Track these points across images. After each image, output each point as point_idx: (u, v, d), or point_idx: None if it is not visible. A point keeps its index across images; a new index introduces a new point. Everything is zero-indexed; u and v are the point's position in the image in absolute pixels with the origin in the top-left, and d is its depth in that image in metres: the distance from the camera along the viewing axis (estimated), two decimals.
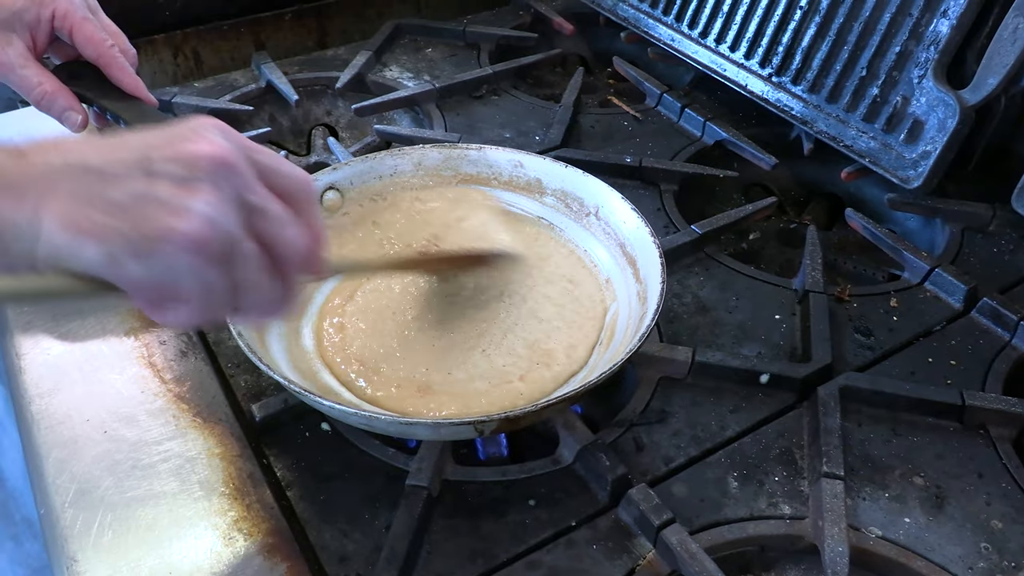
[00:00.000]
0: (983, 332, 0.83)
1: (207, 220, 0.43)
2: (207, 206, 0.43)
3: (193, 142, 0.45)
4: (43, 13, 0.78)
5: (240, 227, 0.45)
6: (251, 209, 0.46)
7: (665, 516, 0.63)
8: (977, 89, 0.90)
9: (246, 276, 0.46)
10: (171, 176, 0.43)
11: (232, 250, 0.45)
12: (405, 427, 0.65)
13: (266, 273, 0.47)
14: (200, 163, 0.44)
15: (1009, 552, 0.64)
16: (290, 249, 0.48)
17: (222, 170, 0.44)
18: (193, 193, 0.43)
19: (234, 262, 0.45)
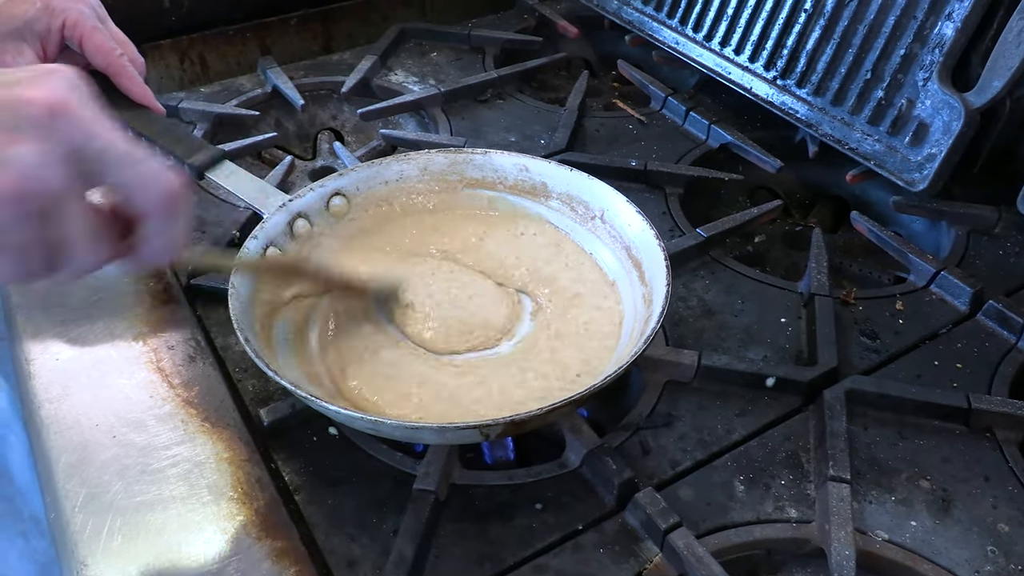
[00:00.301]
0: (989, 335, 0.83)
1: (24, 172, 0.40)
2: (26, 157, 0.41)
3: (29, 87, 0.42)
4: (53, 23, 0.79)
5: (67, 180, 0.42)
6: (88, 158, 0.43)
7: (672, 520, 0.63)
8: (982, 92, 0.90)
9: (68, 234, 0.43)
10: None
11: (53, 205, 0.42)
12: (411, 431, 0.65)
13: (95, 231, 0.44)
14: (30, 109, 0.41)
15: (1016, 555, 0.64)
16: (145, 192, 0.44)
17: (54, 118, 0.42)
18: (14, 142, 0.41)
19: (56, 218, 0.42)
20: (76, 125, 0.42)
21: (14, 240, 0.42)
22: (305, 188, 0.83)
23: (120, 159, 0.43)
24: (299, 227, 0.81)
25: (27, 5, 0.78)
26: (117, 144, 0.43)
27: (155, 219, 0.45)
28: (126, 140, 0.44)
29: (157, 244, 0.47)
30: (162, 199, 0.45)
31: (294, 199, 0.81)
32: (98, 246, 0.45)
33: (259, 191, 0.82)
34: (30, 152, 0.41)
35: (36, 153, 0.41)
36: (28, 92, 0.42)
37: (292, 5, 1.34)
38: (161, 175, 0.45)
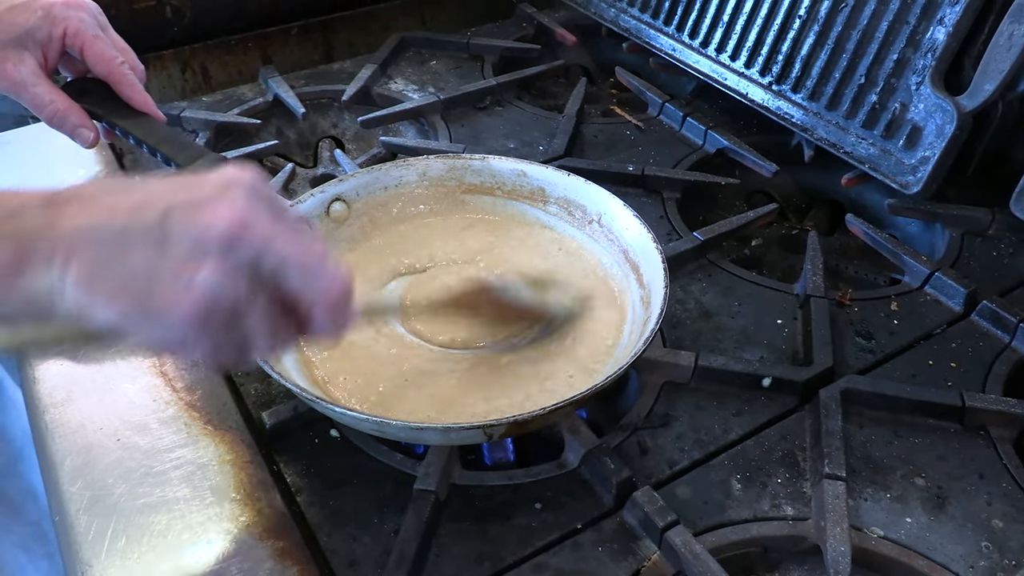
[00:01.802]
0: (983, 335, 0.84)
1: (205, 293, 0.45)
2: (209, 279, 0.45)
3: (212, 207, 0.46)
4: (55, 31, 0.80)
5: (248, 293, 0.46)
6: (268, 270, 0.47)
7: (669, 518, 0.64)
8: (974, 95, 0.91)
9: (252, 331, 0.48)
10: (183, 246, 0.45)
11: (237, 313, 0.47)
12: (416, 432, 0.66)
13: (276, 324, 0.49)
14: (212, 233, 0.45)
15: (1010, 551, 0.65)
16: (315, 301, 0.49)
17: (235, 239, 0.46)
18: (199, 266, 0.45)
19: (241, 322, 0.47)
20: (254, 242, 0.46)
21: (206, 342, 0.47)
22: (306, 194, 0.84)
23: (295, 268, 0.48)
24: None
25: (28, 13, 0.79)
26: (292, 253, 0.47)
27: (323, 316, 0.50)
28: (301, 245, 0.48)
29: (326, 331, 0.51)
30: (329, 301, 0.49)
31: (295, 205, 0.82)
32: (279, 335, 0.50)
33: None
34: (214, 274, 0.45)
35: (219, 274, 0.45)
36: (211, 214, 0.46)
37: (293, 15, 1.36)
38: (328, 279, 0.49)
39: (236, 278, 0.46)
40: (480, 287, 0.76)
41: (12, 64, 0.78)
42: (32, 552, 0.95)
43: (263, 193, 0.49)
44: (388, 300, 0.80)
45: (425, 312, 0.77)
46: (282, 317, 0.49)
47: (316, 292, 0.49)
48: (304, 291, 0.49)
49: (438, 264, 0.85)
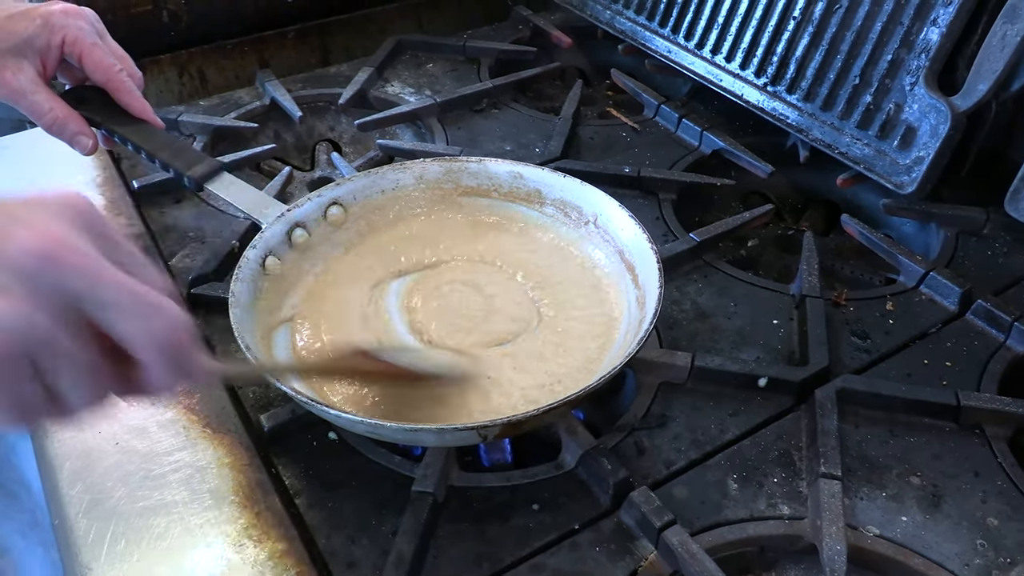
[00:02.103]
0: (978, 334, 0.85)
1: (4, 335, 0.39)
2: (8, 318, 0.39)
3: (23, 231, 0.40)
4: (53, 39, 0.80)
5: (53, 333, 0.40)
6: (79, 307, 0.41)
7: (666, 518, 0.64)
8: (968, 95, 0.91)
9: (66, 381, 0.42)
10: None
11: (42, 358, 0.41)
12: (411, 434, 0.66)
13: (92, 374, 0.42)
14: (18, 261, 0.40)
15: (1005, 549, 0.66)
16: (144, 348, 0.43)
17: (44, 269, 0.40)
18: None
19: (47, 369, 0.41)
20: (65, 273, 0.40)
21: (6, 393, 0.41)
22: (303, 198, 0.84)
23: (116, 307, 0.42)
24: (297, 236, 0.83)
25: (27, 22, 0.80)
26: (112, 288, 0.42)
27: (157, 366, 0.44)
28: (124, 280, 0.42)
29: (160, 384, 0.45)
30: (159, 347, 0.43)
31: (292, 209, 0.83)
32: (97, 388, 0.43)
33: (257, 202, 0.83)
34: (9, 311, 0.39)
35: (15, 311, 0.39)
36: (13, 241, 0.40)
37: (290, 19, 1.36)
38: (162, 324, 0.43)
39: (37, 316, 0.40)
40: (355, 352, 0.71)
41: (11, 72, 0.79)
42: (29, 539, 0.96)
43: (86, 216, 0.43)
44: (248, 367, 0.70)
45: (315, 374, 0.73)
46: (104, 368, 0.43)
47: (143, 335, 0.42)
48: (128, 334, 0.42)
49: (436, 266, 0.85)
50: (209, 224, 0.98)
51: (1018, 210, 0.91)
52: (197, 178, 0.83)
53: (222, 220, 0.98)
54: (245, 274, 0.75)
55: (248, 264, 0.76)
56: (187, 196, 1.02)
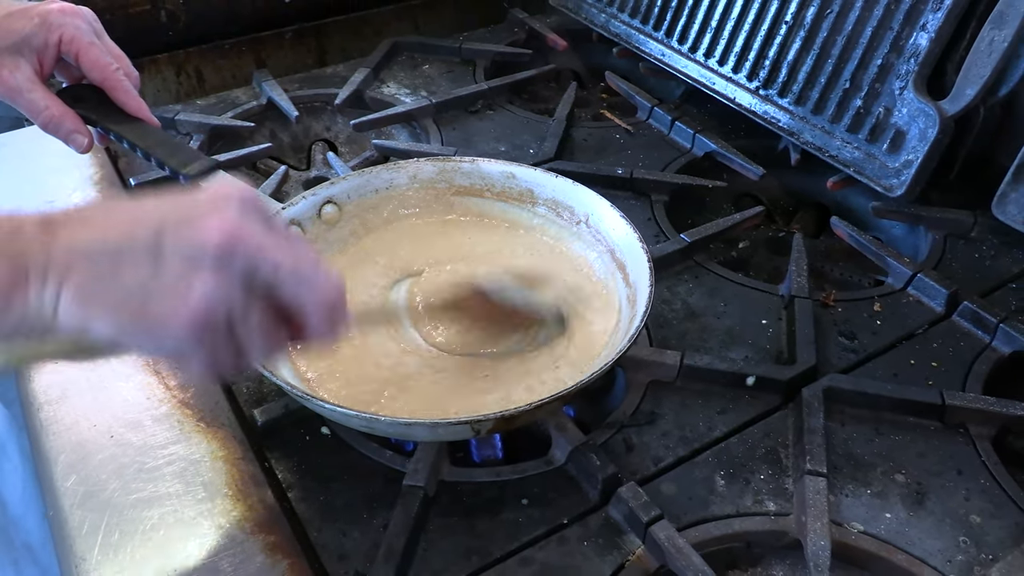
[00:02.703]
0: (964, 335, 0.86)
1: (203, 302, 0.47)
2: (205, 289, 0.47)
3: (205, 221, 0.48)
4: (50, 38, 0.81)
5: (244, 301, 0.48)
6: (261, 279, 0.49)
7: (653, 513, 0.65)
8: (956, 100, 0.92)
9: (248, 338, 0.50)
10: (178, 259, 0.47)
11: (233, 322, 0.48)
12: (404, 428, 0.67)
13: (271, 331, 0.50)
14: (207, 245, 0.47)
15: (987, 545, 0.67)
16: (309, 307, 0.51)
17: (229, 250, 0.47)
18: (195, 277, 0.47)
19: (236, 329, 0.49)
20: (247, 252, 0.48)
21: (204, 351, 0.49)
22: (298, 196, 0.85)
23: (288, 275, 0.49)
24: None
25: (25, 20, 0.80)
26: (284, 261, 0.49)
27: (318, 321, 0.52)
28: (290, 255, 0.50)
29: (321, 336, 0.53)
30: (323, 307, 0.51)
31: (287, 207, 0.83)
32: (273, 342, 0.51)
33: None
34: (209, 285, 0.47)
35: (214, 285, 0.47)
36: (203, 228, 0.47)
37: (287, 19, 1.37)
38: (321, 286, 0.51)
39: (231, 288, 0.48)
40: (474, 290, 0.77)
41: (8, 70, 0.79)
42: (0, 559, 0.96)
43: (254, 205, 0.50)
44: (381, 307, 0.81)
45: (422, 318, 0.78)
46: (276, 324, 0.51)
47: (310, 297, 0.50)
48: (298, 297, 0.50)
49: (431, 265, 0.86)
50: None
51: (1005, 213, 0.92)
52: (192, 176, 0.83)
53: None
54: None
55: None
56: None
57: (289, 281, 0.50)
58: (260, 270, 0.49)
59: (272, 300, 0.50)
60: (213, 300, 0.47)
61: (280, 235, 0.50)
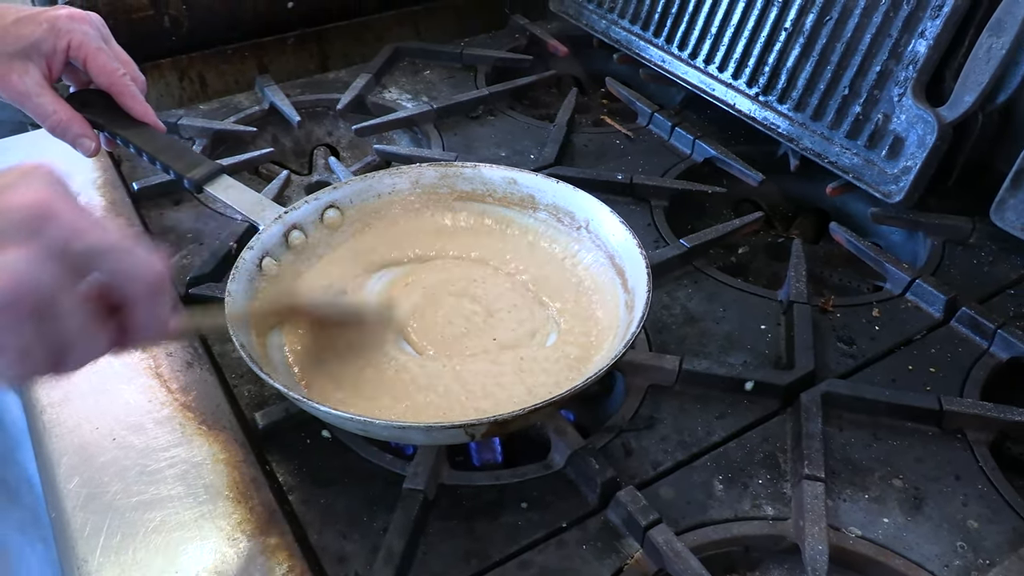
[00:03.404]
0: (962, 340, 0.86)
1: (13, 278, 0.41)
2: (16, 263, 0.41)
3: (11, 192, 0.43)
4: (59, 43, 0.81)
5: (59, 279, 0.43)
6: (74, 254, 0.44)
7: (652, 517, 0.66)
8: (954, 106, 0.93)
9: (66, 328, 0.45)
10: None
11: (49, 305, 0.43)
12: (399, 431, 0.68)
13: (95, 323, 0.46)
14: (12, 216, 0.42)
15: (984, 550, 0.67)
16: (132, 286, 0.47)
17: (41, 220, 0.43)
18: (1, 250, 0.42)
19: (51, 316, 0.43)
20: (60, 225, 0.43)
21: (14, 342, 0.43)
22: (300, 200, 0.86)
23: (105, 251, 0.45)
24: (294, 238, 0.84)
25: (34, 26, 0.81)
26: (101, 237, 0.45)
27: (143, 304, 0.47)
28: (108, 231, 0.46)
29: (148, 325, 0.49)
30: (148, 285, 0.47)
31: (289, 211, 0.84)
32: (96, 336, 0.47)
33: (256, 204, 0.85)
34: (19, 257, 0.42)
35: (25, 258, 0.42)
36: (11, 198, 0.43)
37: (289, 25, 1.38)
38: (144, 262, 0.47)
39: (44, 263, 0.42)
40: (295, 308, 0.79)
41: (17, 75, 0.80)
42: (29, 535, 0.97)
43: (62, 182, 0.46)
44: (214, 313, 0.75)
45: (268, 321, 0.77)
46: (98, 315, 0.46)
47: (132, 275, 0.46)
48: (118, 275, 0.46)
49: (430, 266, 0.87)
50: (207, 226, 0.99)
51: (1003, 220, 0.92)
52: (197, 180, 0.84)
53: (220, 222, 0.99)
54: (242, 274, 0.77)
55: (245, 265, 0.78)
56: (186, 198, 1.03)
57: (104, 258, 0.45)
58: (76, 245, 0.44)
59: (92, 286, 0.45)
60: (24, 275, 0.42)
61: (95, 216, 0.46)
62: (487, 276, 0.85)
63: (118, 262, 0.46)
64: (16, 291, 0.41)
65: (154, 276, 0.47)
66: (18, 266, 0.41)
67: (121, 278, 0.46)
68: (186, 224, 1.00)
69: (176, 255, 0.94)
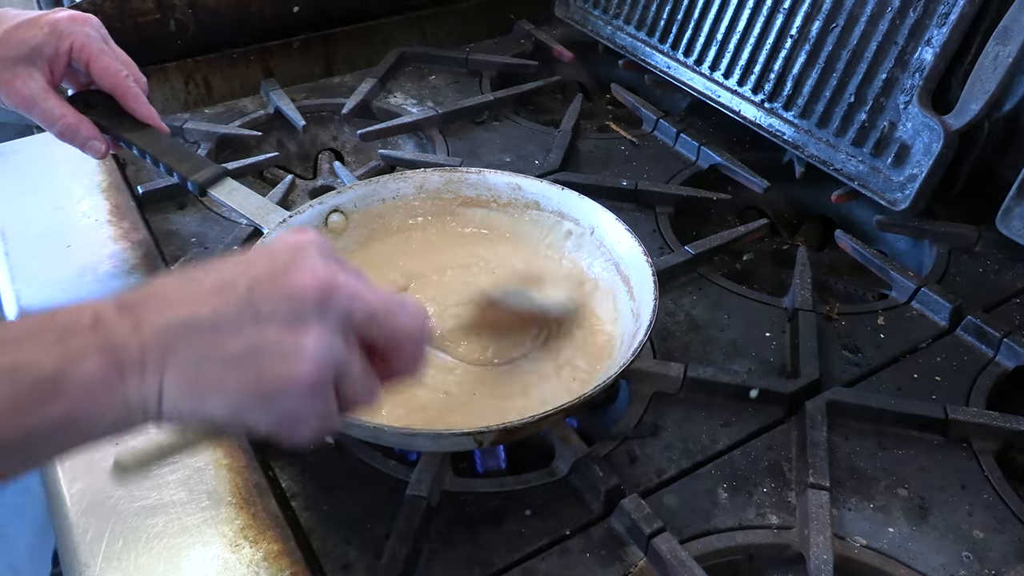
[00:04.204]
0: (967, 349, 0.86)
1: (318, 359, 0.45)
2: (317, 344, 0.45)
3: (295, 274, 0.46)
4: (61, 46, 0.81)
5: (346, 350, 0.47)
6: (359, 323, 0.47)
7: (656, 525, 0.65)
8: (961, 114, 0.93)
9: (356, 390, 0.48)
10: (279, 318, 0.44)
11: (341, 372, 0.47)
12: (408, 438, 0.68)
13: (372, 377, 0.49)
14: (305, 298, 0.45)
15: (990, 561, 0.66)
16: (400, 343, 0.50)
17: (327, 300, 0.45)
18: (302, 334, 0.44)
19: (343, 381, 0.47)
20: (343, 298, 0.46)
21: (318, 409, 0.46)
22: (304, 205, 0.86)
23: (381, 315, 0.48)
24: None
25: (35, 29, 0.81)
26: (376, 302, 0.48)
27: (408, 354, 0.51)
28: (379, 293, 0.49)
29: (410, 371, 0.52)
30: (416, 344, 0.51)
31: (294, 215, 0.84)
32: (374, 387, 0.50)
33: (260, 207, 0.85)
34: (318, 337, 0.45)
35: (323, 335, 0.45)
36: (298, 281, 0.45)
37: (294, 29, 1.37)
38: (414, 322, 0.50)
39: (336, 337, 0.46)
40: (485, 303, 0.77)
41: (22, 81, 0.80)
42: None
43: (328, 248, 0.49)
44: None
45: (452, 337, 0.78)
46: (372, 369, 0.49)
47: (402, 334, 0.50)
48: (389, 335, 0.49)
49: (437, 272, 0.86)
50: (212, 230, 0.99)
51: (1009, 228, 0.92)
52: (201, 183, 0.84)
53: (225, 226, 0.99)
54: None
55: None
56: (191, 202, 1.03)
57: (382, 321, 0.48)
58: (355, 314, 0.47)
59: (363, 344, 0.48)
60: (323, 353, 0.45)
61: (360, 275, 0.49)
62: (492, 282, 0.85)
63: (389, 325, 0.49)
64: (320, 373, 0.45)
65: (420, 331, 0.51)
66: (318, 345, 0.45)
67: (392, 338, 0.49)
68: (191, 228, 1.00)
69: (180, 259, 0.94)
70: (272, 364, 0.44)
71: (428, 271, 0.87)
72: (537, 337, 0.78)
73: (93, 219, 0.97)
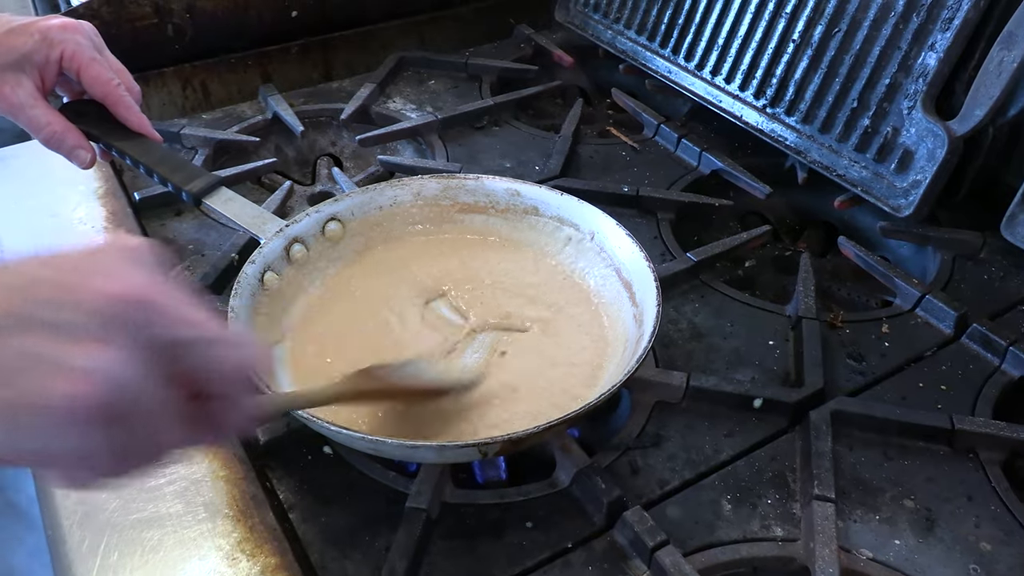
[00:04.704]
0: (973, 357, 0.85)
1: (107, 377, 0.37)
2: (107, 360, 0.37)
3: (96, 280, 0.39)
4: (52, 54, 0.80)
5: (148, 377, 0.39)
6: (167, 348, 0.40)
7: (659, 538, 0.64)
8: (965, 120, 0.92)
9: (154, 426, 0.40)
10: (63, 327, 0.37)
11: (135, 405, 0.39)
12: (411, 450, 0.67)
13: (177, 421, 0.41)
14: (99, 308, 0.38)
15: (997, 573, 0.66)
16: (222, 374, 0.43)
17: (128, 314, 0.39)
18: (92, 348, 0.37)
19: (139, 418, 0.39)
20: (150, 314, 0.40)
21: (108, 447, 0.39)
22: (301, 214, 0.85)
23: (196, 344, 0.42)
24: (296, 252, 0.83)
25: (26, 37, 0.80)
26: (193, 328, 0.42)
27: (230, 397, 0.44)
28: (202, 319, 0.42)
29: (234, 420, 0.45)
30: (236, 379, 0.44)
31: (290, 224, 0.83)
32: (189, 428, 0.43)
33: (256, 217, 0.84)
34: (110, 354, 0.38)
35: (117, 354, 0.38)
36: (97, 287, 0.39)
37: (293, 34, 1.37)
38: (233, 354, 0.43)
39: (133, 361, 0.38)
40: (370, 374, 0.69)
41: (10, 87, 0.79)
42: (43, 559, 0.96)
43: (144, 257, 0.43)
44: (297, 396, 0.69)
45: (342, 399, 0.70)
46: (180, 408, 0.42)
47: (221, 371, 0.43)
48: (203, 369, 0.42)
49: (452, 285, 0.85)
50: (209, 237, 0.98)
51: (1014, 234, 0.91)
52: (195, 193, 0.83)
53: (222, 233, 0.98)
54: (244, 289, 0.76)
55: (247, 279, 0.77)
56: (187, 208, 1.02)
57: (197, 350, 0.41)
58: (162, 336, 0.40)
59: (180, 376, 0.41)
60: (118, 372, 0.38)
61: (186, 296, 0.42)
62: (493, 292, 0.84)
63: (208, 352, 0.42)
64: (111, 393, 0.37)
65: (242, 370, 0.44)
66: (110, 364, 0.38)
67: (208, 370, 0.42)
68: (187, 235, 0.99)
69: (177, 267, 0.93)
70: (33, 379, 0.36)
71: (428, 281, 0.86)
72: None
73: (89, 225, 0.96)
